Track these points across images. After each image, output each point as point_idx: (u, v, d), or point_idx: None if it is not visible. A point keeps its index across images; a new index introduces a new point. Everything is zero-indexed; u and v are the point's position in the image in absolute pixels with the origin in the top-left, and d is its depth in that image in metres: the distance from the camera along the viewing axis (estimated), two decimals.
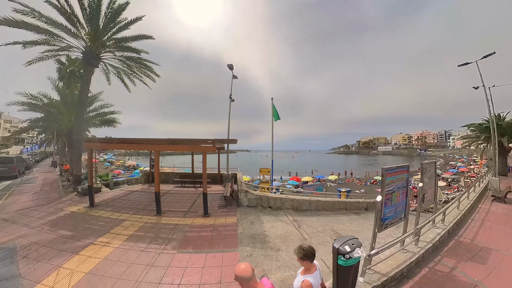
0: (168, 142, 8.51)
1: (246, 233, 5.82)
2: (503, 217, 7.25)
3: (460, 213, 6.91)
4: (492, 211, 7.88)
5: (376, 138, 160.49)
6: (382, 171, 3.88)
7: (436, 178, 5.72)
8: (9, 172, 13.66)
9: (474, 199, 8.55)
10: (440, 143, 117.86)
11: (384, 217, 3.91)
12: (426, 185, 5.24)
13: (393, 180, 4.00)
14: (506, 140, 14.28)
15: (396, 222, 4.31)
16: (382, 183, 3.88)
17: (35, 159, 20.65)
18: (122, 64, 14.51)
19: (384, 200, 3.84)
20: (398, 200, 4.21)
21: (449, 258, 4.56)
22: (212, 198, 9.74)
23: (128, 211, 7.46)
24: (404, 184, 4.36)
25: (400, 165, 4.31)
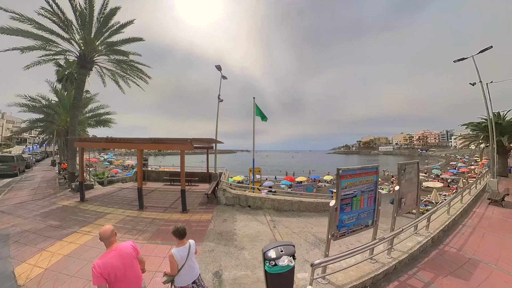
0: (150, 141, 8.53)
1: (215, 230, 5.76)
2: (498, 223, 6.38)
3: (450, 218, 6.12)
4: (487, 216, 6.99)
5: (377, 138, 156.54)
6: (337, 172, 3.30)
7: (418, 180, 4.99)
8: (10, 170, 13.78)
9: (468, 203, 7.68)
10: (441, 143, 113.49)
11: (342, 224, 3.37)
12: (404, 188, 4.54)
13: (353, 183, 3.42)
14: (507, 139, 13.14)
15: (360, 230, 3.69)
16: (337, 186, 3.30)
17: (35, 158, 20.73)
18: (116, 67, 14.47)
19: (339, 205, 3.29)
20: (362, 206, 3.59)
21: (427, 271, 3.86)
22: (196, 196, 9.74)
23: (113, 206, 7.76)
24: (372, 188, 3.72)
25: (363, 166, 3.66)
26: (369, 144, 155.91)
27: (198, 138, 10.02)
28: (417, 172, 4.89)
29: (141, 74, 14.89)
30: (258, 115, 12.81)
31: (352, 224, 3.50)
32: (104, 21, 12.44)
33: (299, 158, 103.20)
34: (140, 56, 14.74)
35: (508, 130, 13.78)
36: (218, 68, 13.71)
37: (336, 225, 3.32)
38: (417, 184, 4.91)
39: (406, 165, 4.57)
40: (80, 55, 12.57)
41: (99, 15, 12.30)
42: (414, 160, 4.93)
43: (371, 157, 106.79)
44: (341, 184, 3.29)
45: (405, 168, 4.52)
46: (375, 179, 3.77)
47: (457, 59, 11.59)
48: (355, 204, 3.47)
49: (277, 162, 71.50)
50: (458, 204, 7.35)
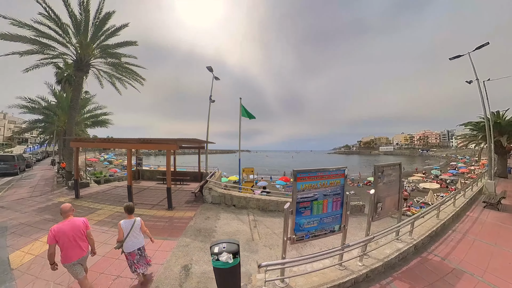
0: (139, 141, 8.66)
1: (195, 227, 5.77)
2: (491, 228, 5.79)
3: (439, 223, 5.59)
4: (481, 220, 6.39)
5: (377, 138, 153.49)
6: (293, 173, 3.02)
7: (401, 183, 4.50)
8: (11, 169, 13.90)
9: (461, 206, 7.07)
10: (442, 143, 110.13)
11: (300, 228, 3.10)
12: (382, 192, 4.07)
13: (312, 186, 3.11)
14: (506, 139, 12.33)
15: (323, 236, 3.33)
16: (293, 188, 3.01)
17: (36, 158, 20.77)
18: (112, 69, 14.50)
19: (295, 208, 3.00)
20: (325, 210, 3.24)
21: (402, 281, 3.42)
22: (185, 194, 9.79)
23: (105, 203, 8.03)
24: (338, 191, 3.32)
25: (326, 168, 3.25)
26: (369, 144, 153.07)
27: (188, 139, 9.97)
28: (399, 174, 4.41)
29: (136, 76, 14.87)
30: (245, 116, 12.53)
31: (313, 228, 3.20)
32: (99, 25, 12.50)
33: (299, 158, 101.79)
34: (135, 58, 14.76)
35: (507, 130, 12.91)
36: (209, 69, 13.50)
37: (292, 229, 3.05)
38: (399, 187, 4.43)
39: (384, 167, 4.09)
40: (76, 59, 12.63)
41: (94, 20, 12.35)
42: (395, 162, 4.45)
43: (372, 157, 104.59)
44: (297, 186, 3.02)
45: (383, 171, 4.06)
46: (341, 182, 3.36)
47: (452, 57, 10.93)
48: (316, 208, 3.17)
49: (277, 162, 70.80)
50: (450, 208, 6.77)
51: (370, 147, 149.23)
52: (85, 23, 12.07)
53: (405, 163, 57.15)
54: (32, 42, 11.31)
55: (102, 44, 13.30)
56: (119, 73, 14.65)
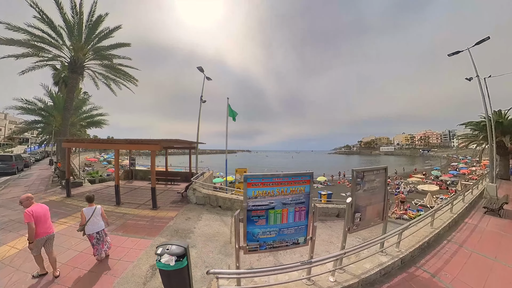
0: (125, 142, 8.84)
1: (173, 227, 5.66)
2: (492, 237, 5.13)
3: (433, 232, 4.96)
4: (480, 228, 5.71)
5: (378, 138, 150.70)
6: (244, 177, 2.67)
7: (386, 190, 3.90)
8: (8, 168, 13.77)
9: (459, 212, 6.38)
10: (444, 143, 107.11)
11: (254, 238, 2.73)
12: (362, 200, 3.50)
13: (267, 193, 2.69)
14: (509, 140, 11.45)
15: (285, 248, 2.93)
16: (244, 195, 2.65)
17: (35, 158, 20.67)
18: (106, 70, 14.44)
19: (245, 216, 2.65)
20: (284, 220, 2.80)
21: None
22: (172, 195, 9.73)
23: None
24: (301, 200, 2.82)
25: (286, 174, 2.75)
26: (370, 144, 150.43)
27: (171, 139, 9.78)
28: (384, 180, 3.82)
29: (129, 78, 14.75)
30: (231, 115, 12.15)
31: (270, 239, 2.80)
32: (92, 28, 12.39)
33: (299, 158, 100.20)
34: (130, 59, 14.56)
35: (510, 130, 11.98)
36: (200, 70, 13.14)
37: (244, 238, 2.70)
38: (384, 195, 3.83)
39: (366, 172, 3.51)
40: (70, 61, 12.57)
41: (87, 22, 12.24)
42: (380, 166, 3.86)
43: (372, 157, 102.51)
44: (249, 192, 2.64)
45: (364, 176, 3.48)
46: (306, 189, 2.82)
47: (451, 53, 10.18)
48: (273, 218, 2.75)
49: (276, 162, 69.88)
50: (446, 214, 6.08)
51: (370, 147, 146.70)
52: (78, 26, 11.99)
53: (406, 163, 55.52)
54: (26, 46, 11.28)
55: (96, 46, 13.27)
56: (113, 74, 14.58)
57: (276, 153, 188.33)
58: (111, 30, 13.61)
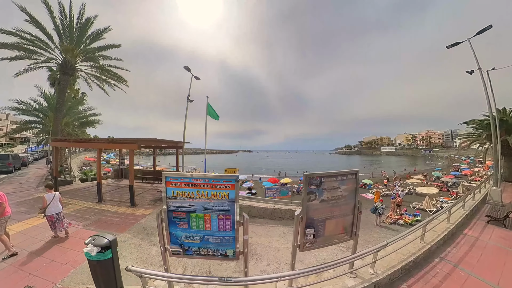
0: (106, 141, 9.12)
1: (143, 224, 5.60)
2: (494, 255, 4.11)
3: (423, 248, 4.01)
4: (482, 242, 4.69)
5: (379, 138, 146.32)
6: (163, 175, 2.47)
7: (356, 201, 3.02)
8: (5, 167, 13.74)
9: (458, 222, 5.34)
10: (446, 143, 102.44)
11: (178, 241, 2.53)
12: (320, 212, 2.63)
13: (186, 194, 2.41)
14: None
15: (212, 258, 2.57)
16: (164, 193, 2.42)
17: (33, 157, 20.51)
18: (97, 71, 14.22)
19: (166, 215, 2.44)
20: (208, 227, 2.46)
21: None
22: (155, 193, 9.56)
23: (79, 198, 8.12)
24: (226, 207, 2.38)
25: (207, 175, 2.42)
26: (371, 144, 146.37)
27: (148, 139, 9.45)
28: (354, 188, 2.93)
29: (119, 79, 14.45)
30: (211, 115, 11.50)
31: (195, 245, 2.54)
32: (81, 30, 12.12)
33: (299, 158, 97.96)
34: (121, 61, 14.23)
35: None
36: (187, 69, 12.59)
37: (168, 239, 2.53)
38: (354, 206, 2.95)
39: (324, 177, 2.63)
40: (62, 63, 12.33)
41: (76, 25, 11.98)
42: (349, 170, 2.98)
43: (373, 157, 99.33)
44: (169, 192, 2.44)
45: (321, 182, 2.61)
46: (231, 195, 2.37)
47: (450, 45, 9.06)
48: (195, 222, 2.47)
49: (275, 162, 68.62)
50: (442, 226, 5.09)
51: (372, 147, 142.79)
52: (67, 29, 11.78)
53: (407, 163, 53.25)
54: (18, 49, 11.14)
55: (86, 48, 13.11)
56: (105, 75, 14.35)
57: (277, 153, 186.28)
58: (100, 32, 13.49)
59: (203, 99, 12.47)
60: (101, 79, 14.79)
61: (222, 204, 2.37)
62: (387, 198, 14.17)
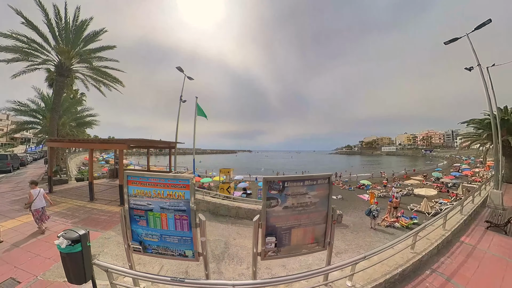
0: (98, 141, 9.59)
1: None
2: (493, 267, 3.63)
3: (412, 258, 3.56)
4: (480, 251, 4.20)
5: (379, 138, 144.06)
6: (124, 175, 2.49)
7: (329, 207, 2.60)
8: (3, 167, 13.82)
9: (454, 228, 4.87)
10: (447, 144, 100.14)
11: (138, 238, 2.51)
12: (283, 220, 2.25)
13: (145, 193, 2.40)
14: None
15: (171, 257, 2.52)
16: (125, 191, 2.45)
17: (33, 157, 20.62)
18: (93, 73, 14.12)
19: (127, 212, 2.45)
20: (165, 226, 2.43)
21: None
22: None
23: (71, 197, 8.17)
24: (182, 207, 2.33)
25: (163, 175, 2.81)
26: (371, 144, 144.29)
27: (138, 139, 9.39)
28: (326, 194, 2.51)
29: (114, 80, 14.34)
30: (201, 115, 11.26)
31: (154, 244, 2.54)
32: (77, 32, 12.07)
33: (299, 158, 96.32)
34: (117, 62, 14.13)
35: None
36: (179, 70, 12.37)
37: (130, 236, 2.55)
38: (327, 214, 2.54)
39: (288, 181, 2.25)
40: (57, 64, 12.27)
41: (72, 27, 11.93)
42: (320, 174, 2.56)
43: (373, 157, 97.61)
44: (129, 190, 2.49)
45: (284, 187, 2.22)
46: (186, 196, 2.31)
47: (447, 41, 8.54)
48: (153, 221, 2.49)
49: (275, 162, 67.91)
50: (437, 232, 4.60)
51: (372, 147, 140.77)
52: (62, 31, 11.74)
53: (408, 163, 52.02)
54: (14, 51, 11.14)
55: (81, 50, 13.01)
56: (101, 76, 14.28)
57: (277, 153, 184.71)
58: (96, 33, 13.35)
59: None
60: (97, 80, 14.70)
61: (178, 204, 2.34)
62: (385, 199, 13.61)
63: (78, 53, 12.72)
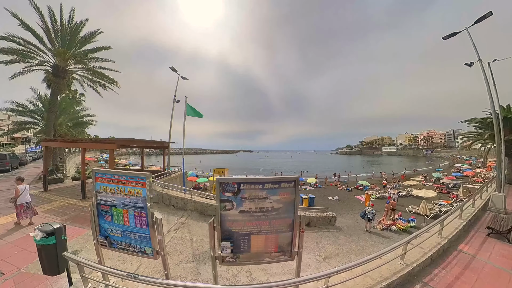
0: (89, 141, 9.77)
1: None
2: (493, 279, 3.11)
3: (401, 271, 3.11)
4: (479, 263, 3.71)
5: (380, 138, 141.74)
6: (92, 172, 2.57)
7: (296, 213, 2.18)
8: (2, 166, 13.86)
9: (452, 235, 4.37)
10: (448, 144, 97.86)
11: (105, 232, 2.55)
12: (240, 226, 1.94)
13: (110, 189, 2.41)
14: None
15: (133, 253, 2.50)
16: (93, 187, 2.49)
17: (32, 157, 20.38)
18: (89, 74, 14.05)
19: (95, 208, 2.52)
20: (127, 222, 2.41)
21: None
22: None
23: (65, 196, 8.26)
24: (140, 204, 2.32)
25: (125, 172, 2.41)
26: (372, 144, 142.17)
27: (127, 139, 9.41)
28: (291, 199, 2.11)
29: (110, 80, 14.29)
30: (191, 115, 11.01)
31: (118, 239, 2.55)
32: (72, 34, 12.05)
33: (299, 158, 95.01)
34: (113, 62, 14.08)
35: None
36: (173, 70, 12.22)
37: (98, 230, 2.56)
38: (293, 222, 2.14)
39: (244, 183, 1.89)
40: (53, 66, 12.24)
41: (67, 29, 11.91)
42: (284, 177, 2.23)
43: (374, 157, 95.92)
44: (97, 186, 2.52)
45: (239, 190, 1.85)
46: (143, 193, 2.34)
47: (446, 35, 8.02)
48: (116, 217, 2.51)
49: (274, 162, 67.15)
50: (432, 240, 4.10)
51: (373, 147, 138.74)
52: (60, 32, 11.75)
53: (408, 164, 50.87)
54: (11, 53, 11.16)
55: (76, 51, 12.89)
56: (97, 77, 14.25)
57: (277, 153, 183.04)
58: (91, 34, 13.00)
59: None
60: (93, 81, 14.68)
61: (137, 201, 2.37)
62: (384, 200, 13.02)
63: (73, 54, 12.92)
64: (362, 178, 27.06)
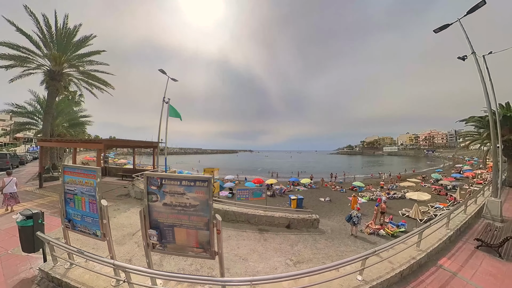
0: (80, 141, 10.38)
1: None
2: None
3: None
4: (460, 281, 3.07)
5: (381, 138, 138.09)
6: (61, 167, 3.13)
7: (211, 213, 1.91)
8: (3, 165, 14.01)
9: (434, 247, 3.77)
10: (449, 144, 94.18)
11: (70, 217, 3.04)
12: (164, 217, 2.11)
13: (73, 181, 2.92)
14: None
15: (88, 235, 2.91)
16: (62, 179, 3.05)
17: (33, 156, 20.87)
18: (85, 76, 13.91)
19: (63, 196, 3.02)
20: (84, 208, 2.88)
21: None
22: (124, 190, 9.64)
23: (57, 192, 8.20)
24: (92, 192, 2.75)
25: (84, 167, 2.99)
26: (373, 144, 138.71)
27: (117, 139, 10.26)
28: (206, 199, 1.93)
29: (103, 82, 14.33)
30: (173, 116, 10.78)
31: (79, 222, 2.97)
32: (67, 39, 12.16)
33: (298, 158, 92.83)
34: (107, 65, 14.08)
35: None
36: (162, 72, 12.03)
37: (64, 215, 3.02)
38: (209, 221, 1.89)
39: (165, 179, 2.09)
40: (49, 69, 12.33)
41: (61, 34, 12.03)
42: (199, 176, 2.16)
43: (375, 157, 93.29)
44: (65, 178, 3.01)
45: (162, 184, 2.07)
46: (94, 183, 2.77)
47: (437, 28, 7.30)
48: (77, 203, 2.95)
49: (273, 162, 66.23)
50: (407, 252, 3.53)
51: (373, 147, 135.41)
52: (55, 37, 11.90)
53: (409, 164, 49.02)
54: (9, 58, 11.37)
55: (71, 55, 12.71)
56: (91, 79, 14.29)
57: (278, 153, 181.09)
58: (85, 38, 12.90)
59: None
60: (89, 83, 14.75)
61: (90, 190, 2.77)
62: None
63: (67, 59, 13.05)
64: (359, 179, 26.03)
